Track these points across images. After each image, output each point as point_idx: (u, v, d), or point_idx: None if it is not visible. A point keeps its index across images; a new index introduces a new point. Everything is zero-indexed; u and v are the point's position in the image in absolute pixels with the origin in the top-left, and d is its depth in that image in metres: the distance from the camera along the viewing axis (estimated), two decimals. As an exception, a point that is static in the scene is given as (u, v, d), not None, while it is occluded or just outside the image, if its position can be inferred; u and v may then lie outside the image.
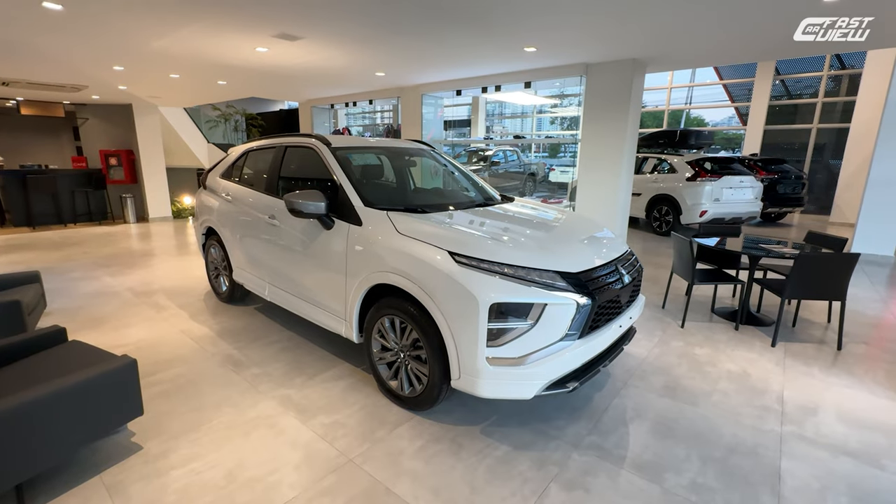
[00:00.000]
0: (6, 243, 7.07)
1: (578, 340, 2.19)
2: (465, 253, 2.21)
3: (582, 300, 2.17)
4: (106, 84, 6.23)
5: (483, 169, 12.63)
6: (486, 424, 2.46)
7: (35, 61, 4.79)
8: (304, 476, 2.05)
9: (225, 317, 3.99)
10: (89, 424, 1.94)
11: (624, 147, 4.31)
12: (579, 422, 2.50)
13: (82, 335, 3.56)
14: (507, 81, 5.10)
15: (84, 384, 1.89)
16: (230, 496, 1.93)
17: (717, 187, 7.72)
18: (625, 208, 4.66)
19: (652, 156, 8.96)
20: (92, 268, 5.59)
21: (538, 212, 3.21)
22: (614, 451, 2.26)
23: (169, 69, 5.10)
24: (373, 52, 4.18)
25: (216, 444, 2.27)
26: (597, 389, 2.85)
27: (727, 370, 3.14)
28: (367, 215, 2.67)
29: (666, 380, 2.99)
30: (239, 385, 2.85)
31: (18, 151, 9.29)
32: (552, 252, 2.35)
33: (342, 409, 2.59)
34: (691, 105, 15.76)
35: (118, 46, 4.01)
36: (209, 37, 3.64)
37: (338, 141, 3.26)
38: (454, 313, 2.16)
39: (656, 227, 8.42)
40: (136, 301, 4.38)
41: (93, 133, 9.22)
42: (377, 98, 6.79)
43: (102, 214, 9.03)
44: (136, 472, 2.07)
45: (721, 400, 2.75)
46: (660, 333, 3.76)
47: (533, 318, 2.12)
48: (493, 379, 2.12)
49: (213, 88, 6.55)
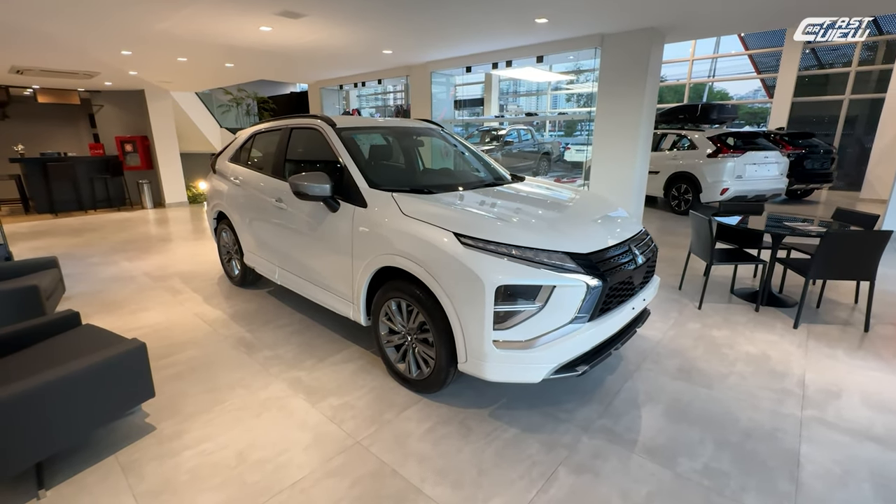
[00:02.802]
0: (30, 230, 7.27)
1: (588, 323, 2.13)
2: (471, 234, 2.15)
3: (592, 282, 2.10)
4: (116, 70, 6.24)
5: (496, 149, 12.41)
6: (495, 407, 2.44)
7: (44, 48, 4.81)
8: (312, 457, 2.07)
9: (238, 300, 4.03)
10: (102, 406, 1.98)
11: (640, 123, 4.13)
12: (590, 405, 2.46)
13: (100, 319, 3.64)
14: (519, 56, 4.91)
15: (95, 367, 1.91)
16: (240, 476, 1.95)
17: (739, 163, 7.42)
18: (641, 187, 4.50)
19: (671, 132, 8.65)
20: (110, 253, 5.71)
21: (549, 191, 3.12)
22: (625, 434, 2.21)
23: (176, 52, 5.07)
24: (377, 28, 4.05)
25: (228, 426, 2.30)
26: (609, 372, 2.80)
27: (745, 352, 3.04)
28: (372, 197, 2.62)
29: (681, 362, 2.92)
30: (251, 367, 2.88)
31: (38, 139, 9.48)
32: (562, 232, 2.27)
33: (351, 391, 2.60)
34: (715, 78, 15.10)
35: (123, 30, 3.98)
36: (211, 16, 3.57)
37: (343, 121, 3.20)
38: (460, 296, 2.11)
39: (674, 207, 8.18)
40: (152, 285, 4.46)
41: (108, 120, 9.33)
42: (386, 77, 6.65)
43: (121, 200, 9.21)
44: (151, 452, 2.11)
45: (738, 383, 2.67)
46: (675, 315, 3.66)
47: (541, 301, 2.07)
48: (500, 362, 2.09)
49: (221, 72, 6.51)
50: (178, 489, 1.88)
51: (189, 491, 1.88)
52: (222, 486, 1.90)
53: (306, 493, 1.86)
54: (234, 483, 1.92)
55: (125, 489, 1.88)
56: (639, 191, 4.46)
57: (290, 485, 1.90)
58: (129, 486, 1.90)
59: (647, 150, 4.40)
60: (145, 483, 1.92)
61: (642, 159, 4.34)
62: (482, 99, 16.05)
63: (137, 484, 1.91)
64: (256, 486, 1.90)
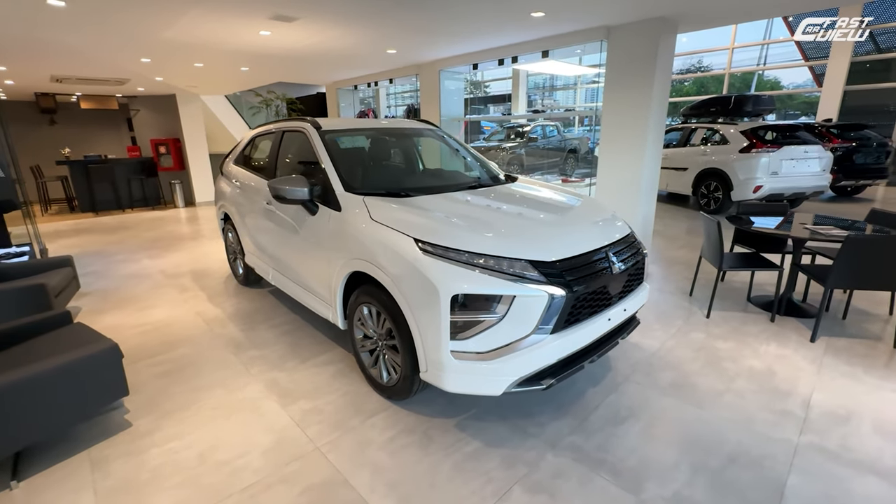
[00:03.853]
0: (73, 228, 7.80)
1: (552, 335, 2.02)
2: (430, 240, 2.09)
3: (555, 291, 1.98)
4: (143, 76, 6.58)
5: (519, 146, 12.17)
6: (464, 417, 2.37)
7: (74, 58, 5.13)
8: (269, 461, 2.08)
9: (239, 299, 4.14)
10: (73, 404, 2.07)
11: (649, 118, 3.89)
12: (563, 419, 2.34)
13: (110, 315, 3.85)
14: (523, 52, 4.74)
15: (65, 366, 2.00)
16: (197, 477, 1.99)
17: (774, 159, 6.89)
18: (651, 186, 4.25)
19: (701, 126, 8.16)
20: (135, 251, 6.03)
21: (534, 193, 2.99)
22: (594, 453, 2.09)
23: (190, 58, 5.27)
24: (372, 28, 4.04)
25: (198, 425, 2.36)
26: (592, 384, 2.66)
27: (749, 367, 2.81)
28: (346, 200, 2.61)
29: (674, 376, 2.73)
30: (234, 367, 2.94)
31: (83, 143, 10.18)
32: (527, 239, 2.16)
33: (325, 394, 2.60)
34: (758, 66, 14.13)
35: (133, 39, 4.18)
36: (210, 22, 3.68)
37: (329, 124, 3.20)
38: (418, 304, 2.06)
39: (704, 205, 7.72)
40: (164, 283, 4.67)
41: (144, 123, 9.87)
42: (397, 77, 6.65)
43: (156, 200, 9.73)
44: (122, 448, 2.19)
45: (733, 402, 2.47)
46: (679, 324, 3.44)
47: (501, 311, 1.97)
48: (459, 373, 2.01)
49: (239, 75, 6.73)
50: (137, 488, 1.94)
51: (147, 490, 1.93)
52: (179, 487, 1.94)
53: (255, 498, 1.87)
54: (190, 484, 1.95)
55: (89, 485, 1.96)
56: (649, 190, 4.21)
57: (241, 489, 1.92)
58: (93, 481, 1.97)
59: (657, 148, 4.14)
60: (109, 480, 1.99)
61: (652, 157, 4.09)
62: (510, 95, 15.73)
63: (101, 480, 1.98)
64: (210, 488, 1.93)
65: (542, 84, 22.02)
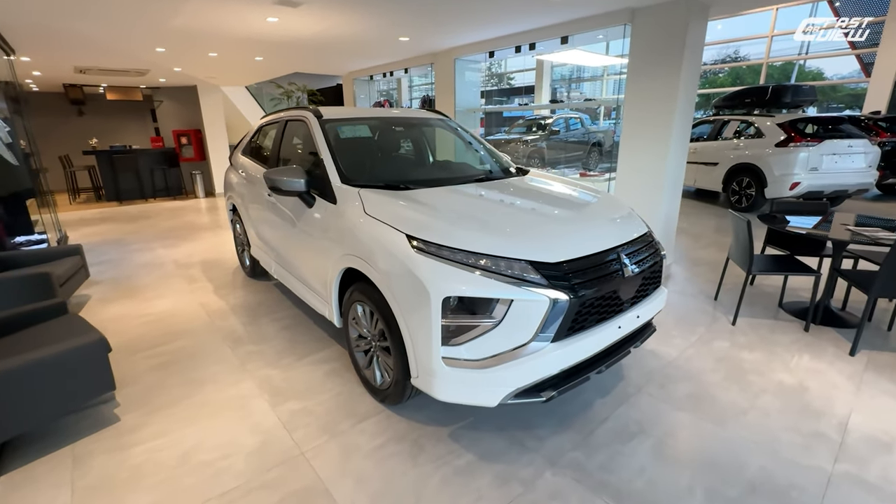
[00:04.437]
0: (97, 216, 8.00)
1: (553, 344, 1.84)
2: (423, 237, 1.93)
3: (558, 296, 1.80)
4: (161, 66, 6.62)
5: (540, 139, 11.83)
6: (458, 426, 2.22)
7: (92, 48, 5.16)
8: (252, 465, 1.98)
9: (244, 291, 4.10)
10: (55, 399, 2.02)
11: (675, 109, 3.60)
12: (566, 433, 2.16)
13: (117, 304, 3.86)
14: (542, 38, 4.49)
15: (45, 360, 1.95)
16: (177, 478, 1.92)
17: (814, 154, 6.42)
18: (675, 182, 3.97)
19: (735, 118, 7.69)
20: (151, 240, 6.10)
21: (544, 188, 2.79)
22: (597, 473, 1.91)
23: (203, 48, 5.24)
24: (379, 14, 3.87)
25: (185, 422, 2.29)
26: (601, 394, 2.47)
27: (777, 382, 2.56)
28: (341, 193, 2.48)
29: (692, 389, 2.51)
30: (230, 362, 2.88)
31: (110, 133, 10.43)
32: (529, 237, 1.98)
33: (317, 395, 2.50)
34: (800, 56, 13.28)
35: (142, 27, 4.15)
36: (215, 9, 3.60)
37: (331, 112, 3.07)
38: (408, 305, 1.91)
39: (734, 203, 7.30)
40: (175, 273, 4.68)
41: (167, 114, 10.03)
42: (412, 66, 6.48)
43: (178, 190, 9.89)
44: (106, 444, 2.14)
45: (758, 420, 2.24)
46: (702, 330, 3.19)
47: (497, 316, 1.81)
48: (451, 381, 1.86)
49: (254, 65, 6.69)
50: (115, 487, 1.88)
51: (124, 489, 1.86)
52: (156, 487, 1.87)
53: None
54: (168, 485, 1.88)
55: (67, 482, 1.90)
56: (673, 186, 3.93)
57: (220, 494, 1.83)
58: (71, 479, 1.92)
59: (683, 142, 3.85)
60: (88, 477, 1.93)
61: (677, 151, 3.81)
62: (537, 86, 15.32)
63: (81, 478, 1.93)
64: (187, 491, 1.85)
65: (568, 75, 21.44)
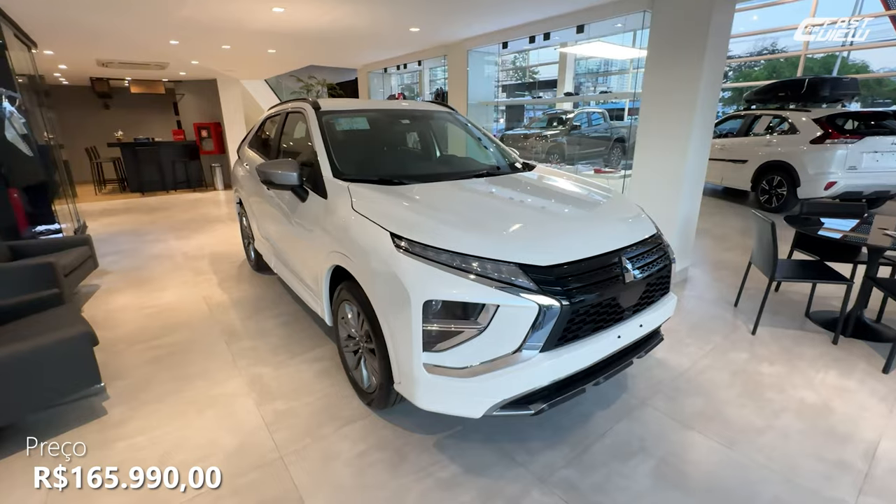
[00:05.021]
0: (120, 207, 8.21)
1: (542, 354, 1.70)
2: (407, 236, 1.81)
3: (548, 302, 1.66)
4: (179, 59, 6.70)
5: (560, 134, 11.52)
6: (445, 435, 2.11)
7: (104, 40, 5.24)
8: (229, 468, 1.92)
9: (248, 285, 4.08)
10: (36, 392, 2.01)
11: (696, 102, 3.36)
12: (560, 447, 2.02)
13: (123, 295, 3.89)
14: (557, 27, 4.28)
15: (27, 353, 1.93)
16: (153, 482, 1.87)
17: (854, 151, 5.99)
18: (695, 181, 3.72)
19: (767, 113, 7.27)
20: (166, 231, 6.19)
21: (548, 184, 2.63)
22: (590, 495, 1.76)
23: (215, 40, 5.25)
24: (386, 2, 3.75)
25: (169, 419, 2.25)
26: (601, 406, 2.31)
27: (800, 400, 2.34)
28: (332, 187, 2.38)
29: (703, 404, 2.32)
30: (223, 357, 2.84)
31: (134, 126, 10.70)
32: (521, 238, 1.84)
33: (304, 395, 2.43)
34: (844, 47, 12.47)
35: (152, 18, 4.16)
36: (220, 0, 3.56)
37: (329, 104, 2.98)
38: (390, 307, 1.81)
39: (764, 203, 6.90)
40: (183, 265, 4.71)
41: (188, 107, 10.21)
42: (425, 58, 6.35)
43: (198, 182, 10.07)
44: (90, 438, 2.11)
45: (774, 443, 2.04)
46: (718, 339, 2.97)
47: (482, 322, 1.68)
48: (433, 389, 1.75)
49: (268, 58, 6.69)
50: (89, 485, 1.84)
51: (97, 490, 1.83)
52: (128, 491, 1.82)
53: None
54: (140, 488, 1.83)
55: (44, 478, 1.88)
56: (692, 185, 3.69)
57: (190, 499, 1.77)
58: (49, 474, 1.90)
59: (704, 138, 3.59)
60: (66, 473, 1.91)
61: (698, 148, 3.56)
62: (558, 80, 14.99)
63: (58, 473, 1.91)
64: (157, 495, 1.79)
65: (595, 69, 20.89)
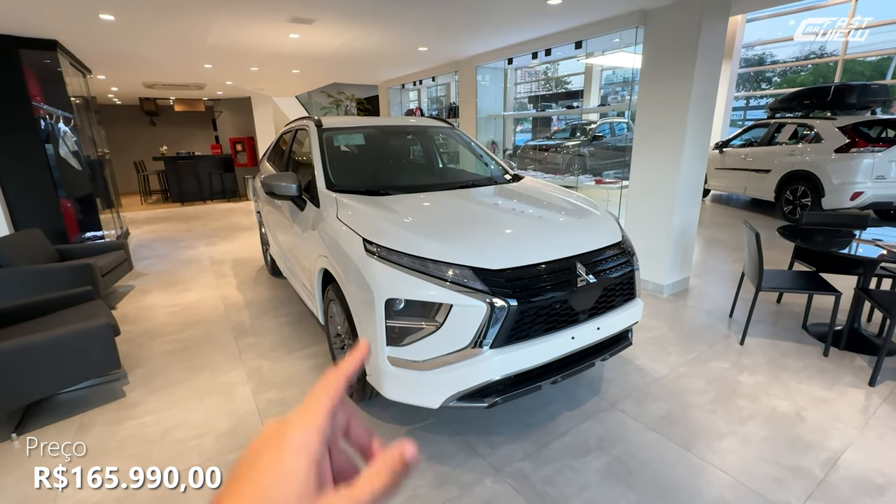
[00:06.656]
0: (161, 216, 8.90)
1: (491, 350, 1.85)
2: (376, 241, 2.02)
3: (497, 302, 1.81)
4: (214, 80, 7.29)
5: (582, 144, 11.50)
6: (417, 427, 2.27)
7: (147, 66, 5.82)
8: (218, 446, 2.16)
9: (263, 287, 4.40)
10: (67, 371, 2.33)
11: (687, 114, 3.40)
12: (521, 442, 2.14)
13: (154, 295, 4.29)
14: (556, 43, 4.41)
15: (59, 339, 2.26)
16: (152, 451, 2.14)
17: (882, 160, 5.75)
18: (692, 190, 3.73)
19: (790, 121, 7.06)
20: (198, 237, 6.69)
21: (525, 194, 2.78)
22: (539, 485, 1.88)
23: (244, 63, 5.72)
24: (391, 27, 4.03)
25: (175, 403, 2.53)
26: (569, 407, 2.41)
27: (770, 409, 2.35)
28: (324, 197, 2.63)
29: (670, 409, 2.37)
30: (230, 351, 3.12)
31: (177, 141, 11.59)
32: (478, 244, 2.00)
33: (294, 386, 2.66)
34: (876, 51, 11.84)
35: (185, 46, 4.63)
36: (238, 28, 3.94)
37: (332, 122, 3.26)
38: (360, 305, 2.01)
39: (788, 213, 6.69)
40: (209, 268, 5.12)
41: (225, 123, 10.95)
42: (437, 74, 6.62)
43: (233, 192, 10.74)
44: (108, 416, 2.42)
45: (733, 447, 2.08)
46: (702, 348, 2.99)
47: (439, 320, 1.85)
48: (396, 381, 1.93)
49: (294, 77, 7.15)
50: (102, 454, 2.13)
51: (107, 457, 2.11)
52: (131, 458, 2.09)
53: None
54: (141, 456, 2.10)
55: (68, 447, 2.18)
56: (689, 194, 3.70)
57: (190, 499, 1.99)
58: (72, 445, 2.20)
59: (701, 147, 3.61)
60: (84, 444, 2.20)
61: (693, 158, 3.58)
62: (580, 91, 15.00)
63: (77, 443, 2.21)
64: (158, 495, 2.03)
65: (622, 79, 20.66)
